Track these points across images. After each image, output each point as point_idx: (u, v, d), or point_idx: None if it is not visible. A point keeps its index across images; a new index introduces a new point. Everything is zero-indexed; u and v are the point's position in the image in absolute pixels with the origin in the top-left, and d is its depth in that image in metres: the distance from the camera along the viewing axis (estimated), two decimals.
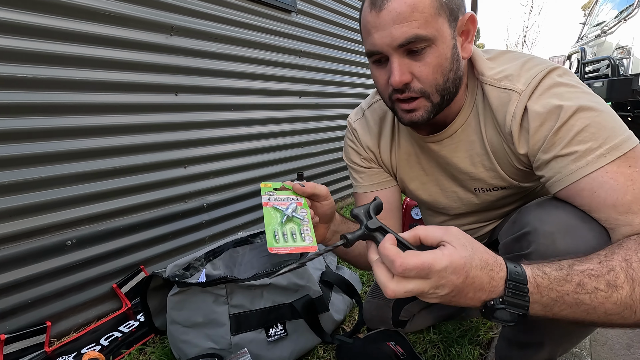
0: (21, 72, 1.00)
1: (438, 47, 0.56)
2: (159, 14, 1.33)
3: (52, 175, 1.08)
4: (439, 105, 0.61)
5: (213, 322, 0.86)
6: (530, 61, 0.60)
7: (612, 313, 0.42)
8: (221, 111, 1.60)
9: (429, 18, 0.54)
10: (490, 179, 0.68)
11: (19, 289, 1.03)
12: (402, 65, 0.57)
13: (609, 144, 0.50)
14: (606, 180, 0.49)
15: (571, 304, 0.42)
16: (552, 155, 0.54)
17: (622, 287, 0.42)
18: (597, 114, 0.52)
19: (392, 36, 0.55)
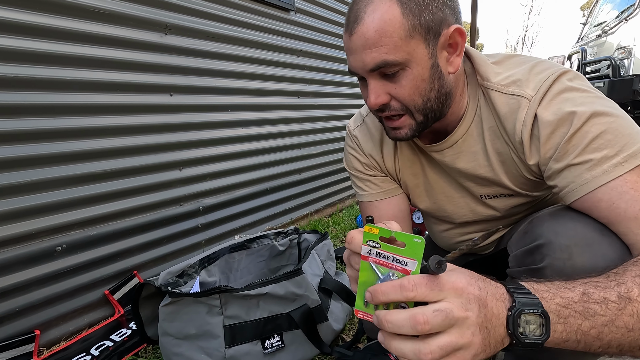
0: (9, 71, 0.96)
1: (412, 69, 0.54)
2: (153, 11, 1.29)
3: (42, 178, 1.04)
4: (423, 124, 0.59)
5: (207, 333, 0.82)
6: (539, 65, 0.57)
7: (634, 328, 0.38)
8: (217, 112, 1.56)
9: (398, 42, 0.52)
10: (497, 187, 0.65)
11: (6, 297, 0.99)
12: (377, 88, 0.56)
13: (627, 151, 0.47)
14: (626, 191, 0.46)
15: (585, 314, 0.38)
16: (565, 164, 0.51)
17: (636, 300, 0.39)
18: (613, 119, 0.49)
19: (362, 61, 0.54)
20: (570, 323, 0.38)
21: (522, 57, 0.61)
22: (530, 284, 0.39)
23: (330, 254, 1.23)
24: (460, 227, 0.80)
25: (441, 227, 0.84)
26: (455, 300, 0.35)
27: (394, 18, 0.51)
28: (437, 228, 0.87)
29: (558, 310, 0.38)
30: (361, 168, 0.79)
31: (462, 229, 0.80)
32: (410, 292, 0.35)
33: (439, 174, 0.72)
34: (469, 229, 0.79)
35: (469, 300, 0.35)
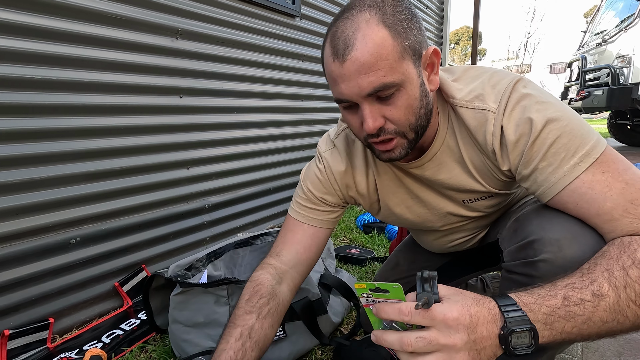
0: (31, 73, 1.02)
1: (407, 89, 0.56)
2: (166, 17, 1.35)
3: (58, 174, 1.10)
4: (414, 141, 0.62)
5: (214, 322, 0.88)
6: (494, 76, 0.61)
7: (608, 320, 0.44)
8: (224, 114, 1.62)
9: (393, 64, 0.53)
10: (476, 192, 0.70)
11: (23, 286, 1.05)
12: (373, 112, 0.56)
13: (580, 152, 0.52)
14: (585, 191, 0.51)
15: (566, 317, 0.44)
16: (531, 168, 0.56)
17: (608, 295, 0.44)
18: (566, 123, 0.53)
19: (359, 87, 0.54)
20: (555, 327, 0.44)
21: (476, 70, 0.65)
22: (519, 297, 0.45)
23: (331, 252, 1.29)
24: (448, 235, 0.84)
25: (430, 237, 0.88)
26: (443, 330, 0.42)
27: (386, 41, 0.52)
28: (426, 238, 0.91)
29: (544, 319, 0.43)
30: (318, 193, 0.77)
31: (449, 236, 0.84)
32: (405, 316, 0.43)
33: (420, 187, 0.75)
34: (455, 235, 0.84)
35: (457, 330, 0.42)
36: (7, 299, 1.02)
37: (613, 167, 0.51)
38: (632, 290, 0.44)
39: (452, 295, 0.45)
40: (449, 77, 0.67)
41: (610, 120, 5.57)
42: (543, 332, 0.43)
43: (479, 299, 0.45)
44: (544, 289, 0.46)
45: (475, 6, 5.97)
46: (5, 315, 1.02)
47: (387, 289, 0.45)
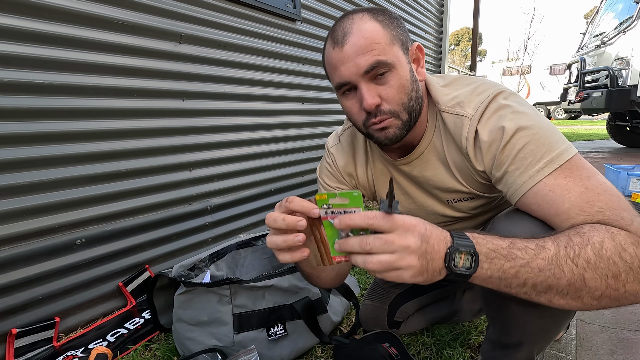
0: (39, 78, 1.05)
1: (398, 70, 0.63)
2: (169, 22, 1.38)
3: (64, 177, 1.13)
4: (408, 123, 0.67)
5: (217, 320, 0.90)
6: (480, 86, 0.67)
7: (544, 269, 0.48)
8: (226, 116, 1.64)
9: (385, 47, 0.62)
10: (458, 192, 0.74)
11: (30, 286, 1.08)
12: (370, 90, 0.63)
13: (545, 158, 0.56)
14: (546, 193, 0.55)
15: (508, 257, 0.48)
16: (502, 171, 0.61)
17: (549, 248, 0.48)
18: (535, 131, 0.58)
19: (357, 65, 0.62)
20: (495, 263, 0.48)
21: (467, 79, 0.71)
22: (472, 234, 0.50)
23: None
24: None
25: None
26: (401, 233, 0.46)
27: (378, 29, 0.62)
28: None
29: (487, 253, 0.48)
30: (330, 182, 0.87)
31: None
32: (371, 219, 0.46)
33: (409, 185, 0.81)
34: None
35: (413, 234, 0.46)
36: (15, 298, 1.04)
37: (576, 173, 0.55)
38: (572, 250, 0.48)
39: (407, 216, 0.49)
40: (440, 82, 0.72)
41: (609, 122, 5.59)
42: (483, 264, 0.48)
43: (434, 226, 0.50)
44: (495, 235, 0.51)
45: (475, 7, 6.01)
46: (13, 314, 1.04)
47: (347, 197, 0.48)
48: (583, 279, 0.47)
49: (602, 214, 0.51)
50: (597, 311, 1.19)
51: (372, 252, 0.46)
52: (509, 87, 0.67)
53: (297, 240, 0.51)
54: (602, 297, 0.48)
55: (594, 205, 0.52)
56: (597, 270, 0.47)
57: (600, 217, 0.51)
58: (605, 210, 0.51)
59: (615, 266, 0.47)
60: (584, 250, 0.47)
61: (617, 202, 0.52)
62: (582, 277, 0.47)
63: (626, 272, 0.47)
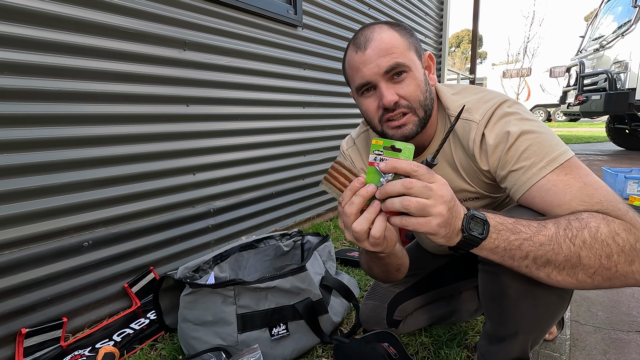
0: (49, 85, 1.09)
1: (414, 72, 0.71)
2: (174, 30, 1.41)
3: (72, 180, 1.16)
4: (423, 120, 0.73)
5: (221, 320, 0.93)
6: (487, 95, 0.73)
7: (545, 244, 0.53)
8: (229, 121, 1.68)
9: (404, 51, 0.70)
10: (465, 192, 0.80)
11: (39, 287, 1.11)
12: (389, 88, 0.70)
13: (547, 158, 0.62)
14: (550, 187, 0.61)
15: (513, 231, 0.54)
16: (507, 171, 0.66)
17: (550, 228, 0.54)
18: (537, 135, 0.64)
19: (379, 66, 0.69)
20: (502, 234, 0.54)
21: (475, 88, 0.78)
22: (483, 210, 0.56)
23: (331, 255, 1.34)
24: None
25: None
26: (439, 185, 0.51)
27: (396, 37, 0.70)
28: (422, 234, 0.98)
29: (495, 225, 0.54)
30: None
31: None
32: (415, 168, 0.50)
33: None
34: None
35: (447, 190, 0.51)
36: (24, 299, 1.07)
37: (575, 171, 0.61)
38: (570, 232, 0.53)
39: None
40: (450, 91, 0.79)
41: (608, 125, 5.62)
42: (492, 234, 0.54)
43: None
44: (503, 213, 0.57)
45: (475, 10, 6.04)
46: (23, 314, 1.07)
47: (400, 148, 0.53)
48: (579, 256, 0.52)
49: (601, 205, 0.56)
50: (592, 312, 1.22)
51: (411, 194, 0.50)
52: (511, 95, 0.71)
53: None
54: (595, 274, 0.53)
55: (594, 197, 0.57)
56: (591, 249, 0.52)
57: (599, 207, 0.56)
58: (604, 201, 0.56)
59: (608, 247, 0.52)
60: (581, 232, 0.52)
61: (614, 196, 0.57)
62: (577, 255, 0.52)
63: (618, 253, 0.52)
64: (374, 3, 2.78)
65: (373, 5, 2.77)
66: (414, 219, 0.50)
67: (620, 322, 1.15)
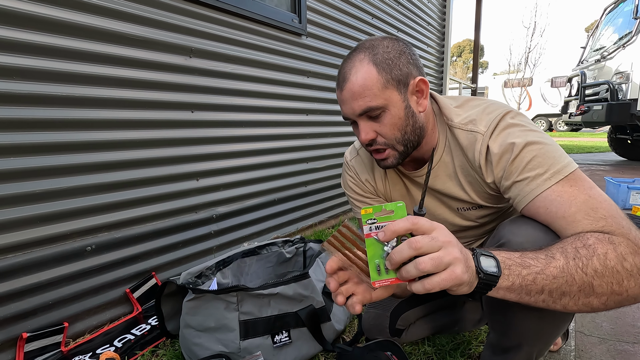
0: (57, 90, 1.10)
1: (390, 111, 0.70)
2: (181, 37, 1.43)
3: (77, 185, 1.16)
4: (404, 153, 0.75)
5: (224, 327, 0.93)
6: (490, 107, 0.74)
7: (558, 276, 0.52)
8: (233, 127, 1.69)
9: (377, 92, 0.69)
10: (466, 202, 0.80)
11: (41, 291, 1.11)
12: (365, 127, 0.72)
13: (552, 169, 0.62)
14: (554, 198, 0.61)
15: (523, 265, 0.52)
16: (511, 181, 0.66)
17: (559, 259, 0.53)
18: (542, 146, 0.64)
19: (352, 109, 0.71)
20: (513, 270, 0.52)
21: (478, 100, 0.78)
22: (488, 250, 0.54)
23: None
24: None
25: None
26: (441, 232, 0.49)
27: (372, 76, 0.69)
28: None
29: (503, 261, 0.52)
30: (359, 191, 0.94)
31: None
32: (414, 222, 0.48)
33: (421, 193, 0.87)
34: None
35: (449, 234, 0.49)
36: (27, 303, 1.07)
37: (580, 183, 0.61)
38: (580, 261, 0.52)
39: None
40: (453, 103, 0.79)
41: (610, 135, 5.63)
42: (504, 270, 0.51)
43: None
44: (510, 249, 0.55)
45: (477, 20, 6.10)
46: (24, 318, 1.07)
47: (392, 209, 0.50)
48: (592, 285, 0.52)
49: (605, 220, 0.56)
50: (596, 323, 1.20)
51: (422, 253, 0.47)
52: (513, 105, 0.72)
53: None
54: (608, 301, 0.53)
55: (597, 212, 0.57)
56: (603, 278, 0.52)
57: (602, 223, 0.56)
58: (608, 217, 0.56)
59: (618, 274, 0.52)
60: (591, 261, 0.52)
61: (617, 211, 0.57)
62: (590, 284, 0.52)
63: (627, 278, 0.52)
64: (378, 13, 2.82)
65: (377, 15, 2.80)
66: (436, 277, 0.47)
67: (625, 333, 1.14)
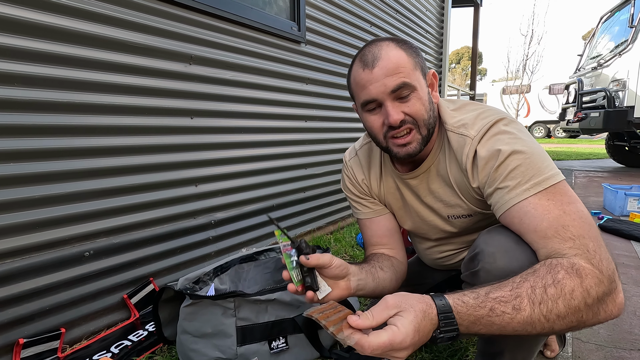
0: (59, 97, 1.11)
1: (419, 92, 0.72)
2: (181, 44, 1.45)
3: (76, 190, 1.17)
4: (426, 138, 0.75)
5: (221, 333, 0.93)
6: (485, 112, 0.74)
7: (518, 329, 0.54)
8: (233, 134, 1.70)
9: (410, 72, 0.71)
10: (458, 207, 0.81)
11: (39, 296, 1.10)
12: (395, 107, 0.72)
13: (533, 180, 0.63)
14: (529, 210, 0.61)
15: (486, 325, 0.54)
16: (494, 188, 0.67)
17: (525, 309, 0.53)
18: (528, 156, 0.65)
19: (385, 85, 0.70)
20: (472, 329, 0.54)
21: (475, 105, 0.79)
22: (456, 307, 0.54)
23: None
24: (440, 245, 0.94)
25: (424, 244, 0.99)
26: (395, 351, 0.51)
27: (404, 56, 0.71)
28: (420, 246, 1.01)
29: (468, 325, 0.54)
30: (355, 191, 0.96)
31: (442, 247, 0.94)
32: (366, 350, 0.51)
33: (414, 199, 0.89)
34: (446, 247, 0.94)
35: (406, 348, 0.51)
36: (24, 309, 1.07)
37: (558, 197, 0.61)
38: (545, 306, 0.53)
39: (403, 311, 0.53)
40: (451, 106, 0.80)
41: (608, 142, 5.65)
42: (462, 330, 0.54)
43: (425, 312, 0.53)
44: (479, 299, 0.55)
45: (474, 27, 6.16)
46: (21, 324, 1.07)
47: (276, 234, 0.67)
48: (552, 329, 0.54)
49: (572, 241, 0.57)
50: (593, 330, 1.21)
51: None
52: (510, 114, 0.73)
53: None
54: (562, 331, 0.57)
55: (567, 230, 0.57)
56: (565, 319, 0.54)
57: (570, 244, 0.57)
58: (576, 237, 0.57)
59: (579, 312, 0.54)
60: (556, 305, 0.53)
61: (588, 231, 0.58)
62: (551, 328, 0.54)
63: (587, 312, 0.54)
64: (377, 21, 2.85)
65: (375, 23, 2.83)
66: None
67: (622, 340, 1.15)
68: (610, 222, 2.35)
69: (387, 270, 0.85)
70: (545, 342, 1.04)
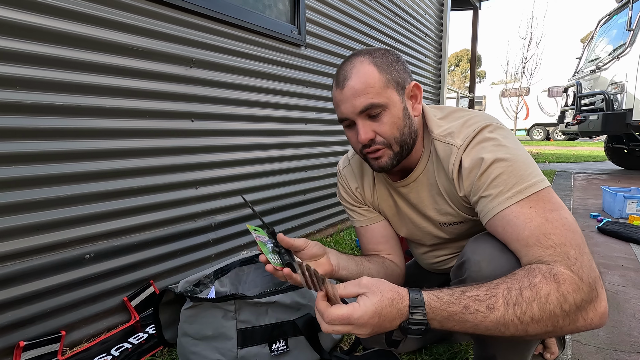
0: (57, 100, 1.11)
1: (391, 110, 0.72)
2: (181, 48, 1.46)
3: (76, 193, 1.17)
4: (399, 154, 0.76)
5: (221, 335, 0.93)
6: (472, 119, 0.74)
7: (491, 329, 0.54)
8: (233, 136, 1.71)
9: (379, 90, 0.71)
10: (449, 215, 0.81)
11: (40, 299, 1.11)
12: (365, 126, 0.72)
13: (515, 188, 0.63)
14: (511, 219, 0.62)
15: (459, 322, 0.55)
16: (478, 196, 0.68)
17: (498, 309, 0.54)
18: (510, 164, 0.65)
19: (353, 106, 0.71)
20: (445, 325, 0.55)
21: (462, 112, 0.79)
22: (430, 302, 0.55)
23: None
24: (435, 250, 0.95)
25: (420, 249, 1.00)
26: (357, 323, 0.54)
27: (374, 75, 0.71)
28: (417, 251, 1.03)
29: (440, 320, 0.55)
30: (350, 200, 0.97)
31: (437, 252, 0.96)
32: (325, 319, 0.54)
33: (406, 207, 0.89)
34: (441, 252, 0.95)
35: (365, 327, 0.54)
36: (25, 311, 1.07)
37: (541, 205, 0.61)
38: (520, 308, 0.53)
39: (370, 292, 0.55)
40: (438, 114, 0.80)
41: (607, 144, 5.67)
42: (434, 325, 0.55)
43: (394, 300, 0.54)
44: (454, 296, 0.56)
45: (473, 31, 6.19)
46: (22, 326, 1.07)
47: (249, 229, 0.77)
48: (526, 331, 0.54)
49: (553, 249, 0.57)
50: (593, 332, 1.21)
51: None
52: (497, 120, 0.73)
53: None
54: (538, 336, 0.56)
55: (549, 239, 0.57)
56: (539, 322, 0.54)
57: (550, 252, 0.57)
58: (557, 245, 0.57)
59: (555, 317, 0.53)
60: (531, 307, 0.53)
61: (570, 238, 0.57)
62: (525, 331, 0.54)
63: (563, 318, 0.54)
64: (376, 24, 2.86)
65: (375, 27, 2.84)
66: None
67: (621, 342, 1.15)
68: (609, 225, 2.36)
69: (374, 263, 0.87)
70: (545, 345, 1.04)
